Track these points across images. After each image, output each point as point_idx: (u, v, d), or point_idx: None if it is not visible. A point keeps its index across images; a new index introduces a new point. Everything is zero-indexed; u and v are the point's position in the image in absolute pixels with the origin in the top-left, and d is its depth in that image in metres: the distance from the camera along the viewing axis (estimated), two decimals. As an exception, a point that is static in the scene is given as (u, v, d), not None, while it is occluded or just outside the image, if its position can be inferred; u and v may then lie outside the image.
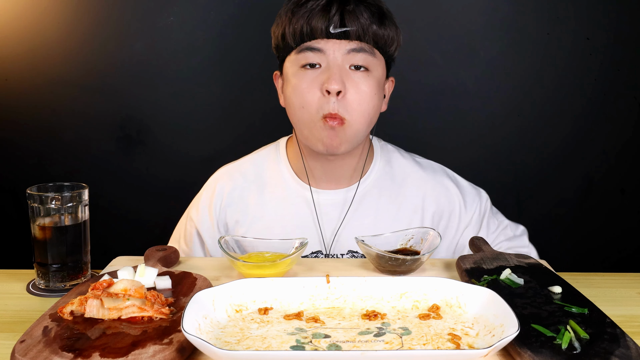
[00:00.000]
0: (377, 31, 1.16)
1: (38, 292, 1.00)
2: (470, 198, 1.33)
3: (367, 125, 1.20)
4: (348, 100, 1.15)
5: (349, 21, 1.14)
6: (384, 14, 1.19)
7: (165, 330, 0.78)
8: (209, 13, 1.86)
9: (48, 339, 0.76)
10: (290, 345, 0.76)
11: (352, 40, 1.15)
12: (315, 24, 1.14)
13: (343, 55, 1.15)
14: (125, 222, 1.98)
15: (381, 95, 1.22)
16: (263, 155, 1.37)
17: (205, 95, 1.91)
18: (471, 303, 0.84)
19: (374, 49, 1.17)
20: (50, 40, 1.87)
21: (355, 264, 1.11)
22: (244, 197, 1.32)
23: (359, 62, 1.16)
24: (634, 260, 1.97)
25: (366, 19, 1.15)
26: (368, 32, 1.15)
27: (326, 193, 1.30)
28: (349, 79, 1.15)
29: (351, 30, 1.14)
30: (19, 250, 2.00)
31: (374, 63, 1.18)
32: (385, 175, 1.32)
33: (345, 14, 1.14)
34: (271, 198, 1.31)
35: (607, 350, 0.73)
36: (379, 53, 1.19)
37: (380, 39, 1.17)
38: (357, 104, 1.16)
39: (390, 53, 1.22)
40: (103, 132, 1.93)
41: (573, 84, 1.88)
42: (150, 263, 1.02)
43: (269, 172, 1.33)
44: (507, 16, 1.85)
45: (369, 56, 1.17)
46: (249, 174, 1.34)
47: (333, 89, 1.13)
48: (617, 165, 1.93)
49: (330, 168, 1.28)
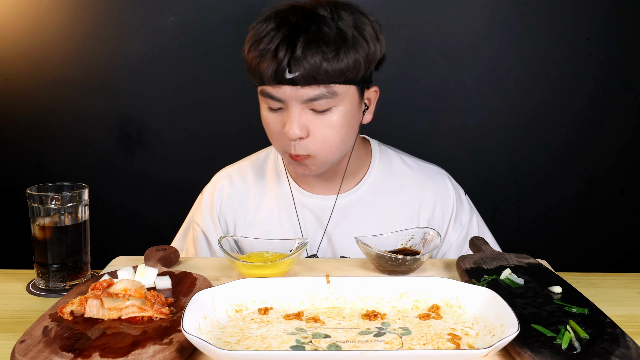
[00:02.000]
0: (332, 68, 1.07)
1: (38, 292, 1.00)
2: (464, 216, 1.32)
3: (338, 152, 1.17)
4: (312, 140, 1.13)
5: (295, 68, 1.06)
6: (344, 41, 1.08)
7: (165, 330, 0.78)
8: (209, 13, 1.86)
9: (48, 339, 0.76)
10: (290, 345, 0.76)
11: (306, 86, 1.08)
12: (264, 69, 1.08)
13: (302, 102, 1.10)
14: (125, 222, 1.98)
15: (352, 120, 1.16)
16: (262, 158, 1.37)
17: (205, 96, 1.90)
18: (471, 303, 0.84)
19: (335, 86, 1.09)
20: (50, 40, 1.87)
21: (355, 264, 1.11)
22: (243, 200, 1.33)
23: (318, 107, 1.10)
24: (634, 260, 1.97)
25: (315, 63, 1.05)
26: (320, 74, 1.06)
27: (320, 198, 1.30)
28: (310, 121, 1.11)
29: (300, 77, 1.07)
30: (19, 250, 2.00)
31: (339, 99, 1.11)
32: (383, 180, 1.31)
33: (292, 61, 1.06)
34: (269, 201, 1.32)
35: (607, 350, 0.73)
36: (346, 85, 1.11)
37: (339, 75, 1.08)
38: (322, 142, 1.13)
39: (360, 78, 1.13)
40: (103, 131, 1.93)
41: (573, 84, 1.88)
42: (150, 263, 1.02)
43: (267, 176, 1.34)
44: (507, 16, 1.85)
45: (330, 99, 1.10)
46: (248, 177, 1.35)
47: (292, 136, 1.11)
48: (617, 165, 1.93)
49: (319, 179, 1.28)
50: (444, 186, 1.33)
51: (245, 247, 1.09)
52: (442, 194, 1.32)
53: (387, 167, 1.33)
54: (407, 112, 1.90)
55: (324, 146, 1.14)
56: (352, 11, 1.12)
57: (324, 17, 1.09)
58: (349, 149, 1.21)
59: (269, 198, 1.32)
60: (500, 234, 1.44)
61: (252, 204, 1.32)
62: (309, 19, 1.08)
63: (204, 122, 1.92)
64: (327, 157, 1.16)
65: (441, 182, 1.33)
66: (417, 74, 1.88)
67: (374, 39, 1.13)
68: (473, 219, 1.33)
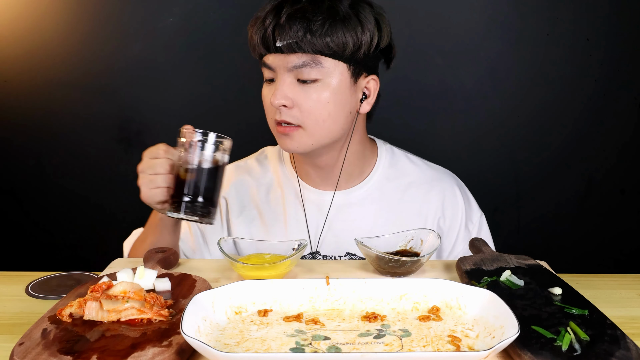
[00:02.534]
0: (317, 40, 1.11)
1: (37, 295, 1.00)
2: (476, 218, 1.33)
3: (325, 128, 1.17)
4: (300, 110, 1.15)
5: (280, 35, 1.11)
6: (334, 15, 1.11)
7: (165, 333, 0.78)
8: (209, 14, 1.86)
9: (47, 342, 0.76)
10: (290, 347, 0.76)
11: (291, 53, 1.12)
12: (254, 36, 1.15)
13: (288, 70, 1.14)
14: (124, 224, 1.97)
15: (342, 100, 1.17)
16: (267, 155, 1.39)
17: (205, 97, 1.90)
18: (471, 304, 0.84)
19: (322, 58, 1.13)
20: (49, 41, 1.87)
21: (354, 265, 1.11)
22: (249, 194, 1.34)
23: (304, 76, 1.13)
24: (634, 261, 1.97)
25: (297, 31, 1.10)
26: (305, 44, 1.11)
27: (324, 194, 1.30)
28: (296, 92, 1.14)
29: (285, 45, 1.12)
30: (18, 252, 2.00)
31: (325, 72, 1.14)
32: (389, 178, 1.32)
33: (277, 28, 1.12)
34: (274, 197, 1.33)
35: (607, 351, 0.73)
36: (334, 59, 1.14)
37: (325, 47, 1.12)
38: (308, 113, 1.15)
39: (352, 57, 1.15)
40: (102, 133, 1.93)
41: (573, 84, 1.88)
42: (150, 265, 1.02)
43: (272, 172, 1.35)
44: (507, 16, 1.84)
45: (315, 68, 1.13)
46: (255, 172, 1.36)
47: (275, 104, 1.15)
48: (617, 165, 1.93)
49: (319, 171, 1.28)
50: (451, 185, 1.33)
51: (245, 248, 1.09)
52: (450, 193, 1.32)
53: (393, 165, 1.33)
54: (407, 112, 1.89)
55: (310, 117, 1.15)
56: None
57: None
58: (340, 132, 1.20)
59: (274, 193, 1.33)
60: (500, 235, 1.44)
61: (256, 198, 1.33)
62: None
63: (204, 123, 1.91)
64: (313, 130, 1.16)
65: (448, 181, 1.34)
66: (417, 74, 1.88)
67: (372, 25, 1.15)
68: (482, 216, 1.34)
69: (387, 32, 1.19)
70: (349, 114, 1.20)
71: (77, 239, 2.00)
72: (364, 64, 1.18)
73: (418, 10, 1.84)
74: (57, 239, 2.00)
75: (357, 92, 1.20)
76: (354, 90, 1.19)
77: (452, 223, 1.31)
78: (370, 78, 1.21)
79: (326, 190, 1.30)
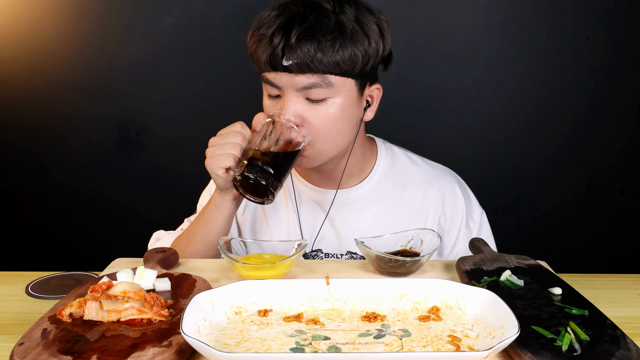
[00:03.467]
0: (327, 59, 1.08)
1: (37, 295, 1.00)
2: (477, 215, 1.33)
3: (334, 145, 1.17)
4: (308, 128, 1.13)
5: (289, 55, 1.08)
6: (342, 33, 1.09)
7: (165, 333, 0.78)
8: (209, 14, 1.86)
9: (47, 342, 0.76)
10: (290, 347, 0.76)
11: (300, 74, 1.09)
12: (260, 54, 1.11)
13: (297, 90, 1.11)
14: (124, 224, 1.98)
15: (350, 114, 1.16)
16: None
17: (205, 97, 1.90)
18: (471, 305, 0.84)
19: (331, 77, 1.10)
20: (49, 41, 1.87)
21: (354, 265, 1.11)
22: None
23: (313, 97, 1.11)
24: (634, 261, 1.97)
25: (307, 52, 1.07)
26: (315, 63, 1.08)
27: (325, 192, 1.30)
28: (306, 112, 1.12)
29: (294, 65, 1.09)
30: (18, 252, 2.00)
31: (335, 90, 1.12)
32: (389, 176, 1.32)
33: (286, 48, 1.08)
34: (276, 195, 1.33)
35: (607, 352, 0.73)
36: (342, 77, 1.12)
37: (335, 66, 1.09)
38: (317, 131, 1.14)
39: (360, 71, 1.13)
40: (102, 133, 1.93)
41: (573, 84, 1.88)
42: (150, 265, 1.02)
43: None
44: (507, 16, 1.84)
45: (324, 88, 1.11)
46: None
47: (285, 124, 1.12)
48: (617, 165, 1.93)
49: (321, 174, 1.29)
50: (451, 183, 1.33)
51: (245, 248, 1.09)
52: (450, 191, 1.32)
53: (393, 164, 1.33)
54: (407, 112, 1.90)
55: (319, 135, 1.14)
56: (356, 6, 1.14)
57: (326, 9, 1.11)
58: (347, 144, 1.21)
59: None
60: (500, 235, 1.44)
61: None
62: (309, 9, 1.11)
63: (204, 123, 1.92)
64: (322, 147, 1.16)
65: (448, 179, 1.33)
66: (417, 74, 1.88)
67: (377, 35, 1.14)
68: (483, 214, 1.34)
69: (389, 38, 1.18)
70: (355, 125, 1.20)
71: (77, 239, 2.00)
72: (369, 75, 1.18)
73: (418, 11, 1.84)
74: (57, 238, 2.00)
75: (362, 102, 1.20)
76: (360, 103, 1.19)
77: (453, 221, 1.30)
78: (375, 87, 1.21)
79: (327, 189, 1.30)
